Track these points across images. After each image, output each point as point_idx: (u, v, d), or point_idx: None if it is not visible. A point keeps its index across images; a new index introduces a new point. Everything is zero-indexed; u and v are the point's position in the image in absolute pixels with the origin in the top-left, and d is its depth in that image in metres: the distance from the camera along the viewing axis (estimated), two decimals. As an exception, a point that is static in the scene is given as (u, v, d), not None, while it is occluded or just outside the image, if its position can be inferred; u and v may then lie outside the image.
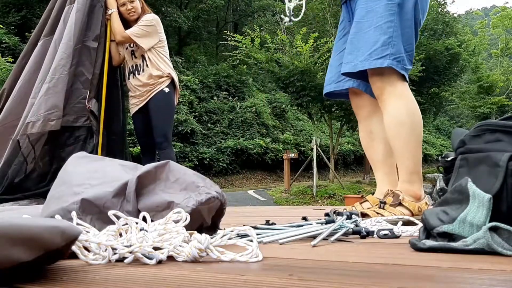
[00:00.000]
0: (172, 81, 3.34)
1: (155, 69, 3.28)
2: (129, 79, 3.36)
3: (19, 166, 2.86)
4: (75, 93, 2.98)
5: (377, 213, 1.69)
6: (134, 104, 3.36)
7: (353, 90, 1.98)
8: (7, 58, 11.59)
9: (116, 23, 3.21)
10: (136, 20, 3.32)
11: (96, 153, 2.97)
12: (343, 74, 1.83)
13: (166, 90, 3.29)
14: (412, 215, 1.67)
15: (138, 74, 3.30)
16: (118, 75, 3.39)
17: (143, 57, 3.30)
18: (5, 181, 2.81)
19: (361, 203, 1.86)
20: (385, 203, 1.71)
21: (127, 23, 3.32)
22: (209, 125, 18.58)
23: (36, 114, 2.83)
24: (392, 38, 1.68)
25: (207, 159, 17.18)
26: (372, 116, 1.94)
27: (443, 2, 21.17)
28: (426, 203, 1.73)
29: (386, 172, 1.95)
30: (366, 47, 1.71)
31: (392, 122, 1.73)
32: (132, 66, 3.34)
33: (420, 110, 1.74)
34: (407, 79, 1.76)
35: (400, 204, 1.69)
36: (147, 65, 3.29)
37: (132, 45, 3.31)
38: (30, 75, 3.04)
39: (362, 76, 1.80)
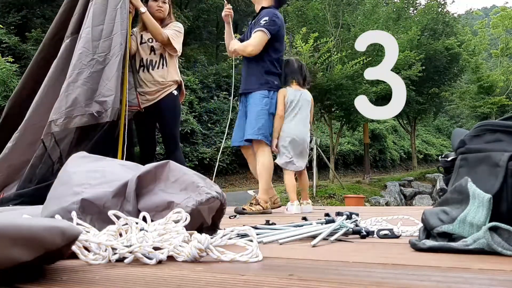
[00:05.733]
0: (179, 85, 3.42)
1: (169, 72, 3.36)
2: (138, 72, 3.37)
3: (45, 167, 2.75)
4: (98, 87, 2.89)
5: (250, 208, 3.15)
6: (141, 103, 3.35)
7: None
8: (7, 58, 11.58)
9: (154, 22, 3.27)
10: (161, 21, 3.41)
11: (117, 151, 2.92)
12: (246, 140, 3.32)
13: (175, 93, 3.39)
14: (263, 209, 3.18)
15: (152, 69, 3.33)
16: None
17: (161, 56, 3.35)
18: (32, 182, 2.71)
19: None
20: (251, 203, 3.19)
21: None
22: (209, 125, 18.57)
23: (58, 112, 2.77)
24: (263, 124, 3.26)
25: (207, 159, 17.18)
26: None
27: (443, 2, 21.15)
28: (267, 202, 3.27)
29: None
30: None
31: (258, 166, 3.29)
32: (146, 60, 3.36)
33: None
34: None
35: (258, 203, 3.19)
36: (163, 64, 3.35)
37: (152, 41, 3.35)
38: (57, 75, 2.95)
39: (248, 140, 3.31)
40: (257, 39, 3.26)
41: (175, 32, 3.36)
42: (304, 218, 1.63)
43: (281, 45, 3.43)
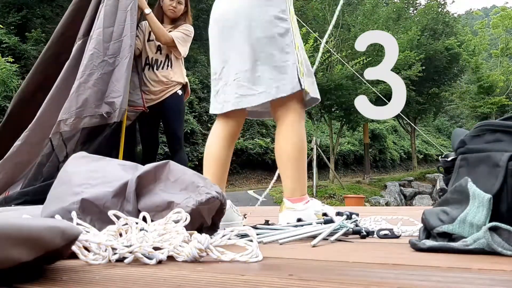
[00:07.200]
0: (184, 86, 3.41)
1: (174, 73, 3.33)
2: (143, 70, 3.36)
3: (52, 165, 2.75)
4: (107, 89, 2.90)
5: None
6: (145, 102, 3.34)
7: None
8: (7, 58, 11.57)
9: (157, 24, 3.25)
10: (172, 21, 3.41)
11: (118, 151, 2.92)
12: None
13: (180, 92, 3.37)
14: None
15: (157, 69, 3.32)
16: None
17: (167, 56, 3.34)
18: (39, 180, 2.72)
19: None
20: None
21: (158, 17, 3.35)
22: (209, 125, 18.57)
23: (67, 112, 2.78)
24: None
25: (207, 159, 17.17)
26: None
27: (443, 2, 21.17)
28: None
29: None
30: None
31: None
32: (152, 58, 3.35)
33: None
34: None
35: None
36: (168, 65, 3.33)
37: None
38: (68, 76, 2.94)
39: None
40: None
41: (183, 35, 3.33)
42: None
43: None
